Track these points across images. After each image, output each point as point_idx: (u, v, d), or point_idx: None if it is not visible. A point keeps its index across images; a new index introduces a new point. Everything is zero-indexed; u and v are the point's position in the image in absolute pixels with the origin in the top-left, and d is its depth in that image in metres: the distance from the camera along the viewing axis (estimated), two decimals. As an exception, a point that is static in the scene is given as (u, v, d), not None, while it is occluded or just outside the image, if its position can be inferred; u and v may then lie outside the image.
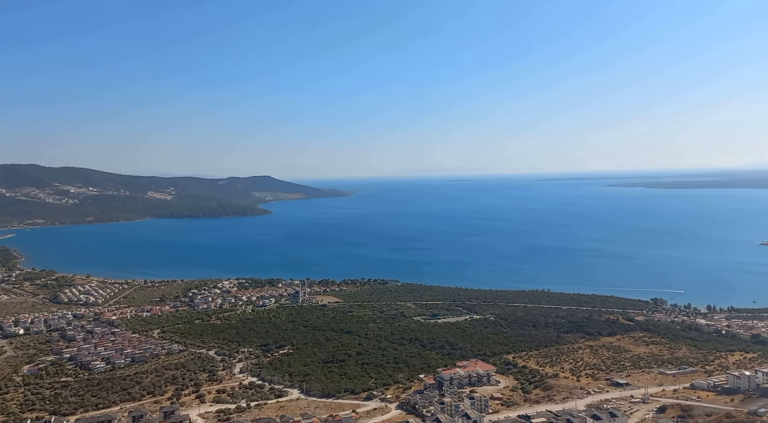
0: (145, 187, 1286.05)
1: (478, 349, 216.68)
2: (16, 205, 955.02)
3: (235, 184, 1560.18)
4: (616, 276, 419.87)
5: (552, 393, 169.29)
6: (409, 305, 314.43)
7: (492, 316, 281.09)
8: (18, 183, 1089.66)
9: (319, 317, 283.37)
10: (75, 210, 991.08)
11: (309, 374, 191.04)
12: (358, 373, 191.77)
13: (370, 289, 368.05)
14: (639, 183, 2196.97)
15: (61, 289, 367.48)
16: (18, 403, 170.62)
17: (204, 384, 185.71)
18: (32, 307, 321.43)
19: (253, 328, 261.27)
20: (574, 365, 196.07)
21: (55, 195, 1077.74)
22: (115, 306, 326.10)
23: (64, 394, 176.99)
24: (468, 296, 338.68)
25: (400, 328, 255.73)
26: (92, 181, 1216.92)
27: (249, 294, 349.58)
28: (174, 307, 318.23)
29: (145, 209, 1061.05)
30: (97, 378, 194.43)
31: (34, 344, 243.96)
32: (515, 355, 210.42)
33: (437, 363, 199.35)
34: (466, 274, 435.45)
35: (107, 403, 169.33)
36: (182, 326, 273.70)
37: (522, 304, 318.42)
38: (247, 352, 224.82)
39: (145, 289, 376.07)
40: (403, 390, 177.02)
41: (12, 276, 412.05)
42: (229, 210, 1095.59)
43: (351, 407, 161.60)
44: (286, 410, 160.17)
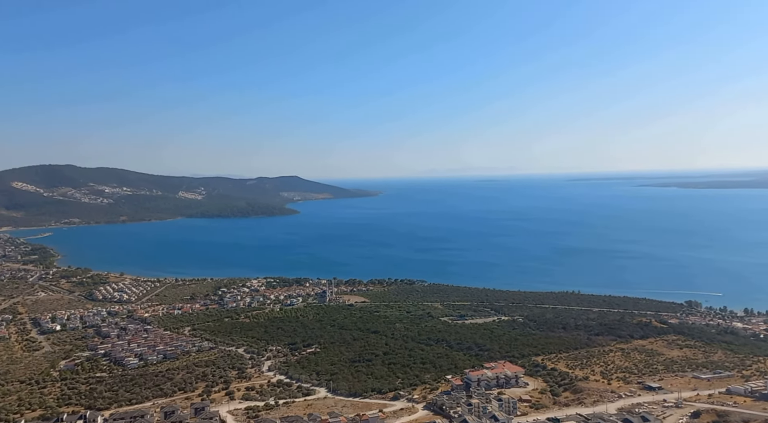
0: (176, 187, 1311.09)
1: (506, 350, 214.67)
2: (54, 205, 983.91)
3: (263, 184, 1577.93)
4: (648, 278, 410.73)
5: (582, 396, 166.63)
6: (436, 306, 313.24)
7: (520, 318, 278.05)
8: (55, 183, 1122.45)
9: (346, 317, 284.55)
10: (109, 209, 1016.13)
11: (336, 373, 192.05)
12: (385, 372, 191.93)
13: (396, 289, 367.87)
14: (672, 183, 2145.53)
15: (96, 286, 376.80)
16: (55, 397, 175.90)
17: (233, 381, 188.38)
18: (68, 304, 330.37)
19: (281, 327, 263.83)
20: (605, 368, 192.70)
21: (90, 195, 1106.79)
22: (148, 303, 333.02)
23: (98, 389, 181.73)
24: (496, 297, 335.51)
25: (427, 328, 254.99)
26: (126, 181, 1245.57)
27: (277, 293, 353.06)
28: (204, 305, 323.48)
29: (177, 209, 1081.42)
30: (130, 374, 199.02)
31: (70, 340, 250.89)
32: (544, 357, 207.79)
33: (464, 364, 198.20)
34: (494, 274, 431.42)
35: (140, 398, 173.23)
36: (212, 324, 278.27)
37: (551, 305, 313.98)
38: (275, 350, 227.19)
39: (177, 287, 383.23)
40: (430, 390, 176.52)
41: (49, 274, 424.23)
42: (257, 210, 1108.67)
43: (378, 407, 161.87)
44: (314, 408, 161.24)
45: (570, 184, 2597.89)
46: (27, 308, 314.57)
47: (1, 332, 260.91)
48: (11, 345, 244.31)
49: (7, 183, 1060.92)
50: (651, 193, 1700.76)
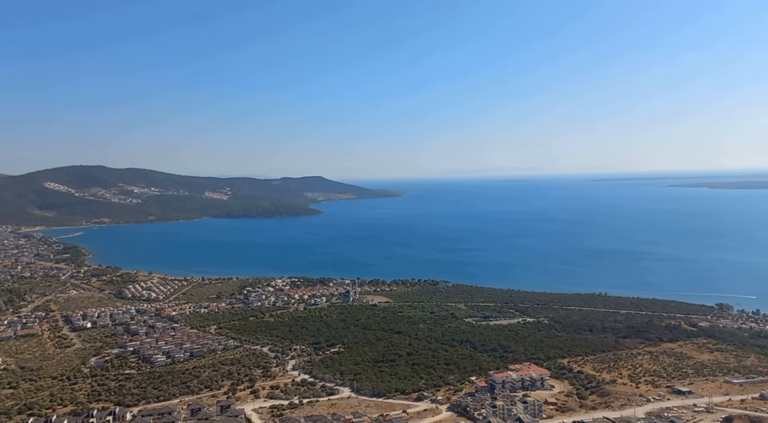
0: (202, 188, 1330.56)
1: (531, 352, 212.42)
2: (85, 205, 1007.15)
3: (287, 185, 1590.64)
4: (677, 280, 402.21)
5: (609, 399, 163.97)
6: (460, 306, 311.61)
7: (546, 320, 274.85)
8: (86, 184, 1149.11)
9: (369, 317, 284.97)
10: (138, 209, 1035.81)
11: (359, 373, 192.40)
12: (409, 373, 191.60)
13: (420, 290, 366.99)
14: (702, 183, 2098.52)
15: (125, 285, 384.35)
16: (85, 393, 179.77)
17: (258, 380, 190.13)
18: (99, 302, 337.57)
19: (305, 326, 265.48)
20: (632, 371, 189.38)
21: (120, 195, 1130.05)
22: (175, 302, 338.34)
23: (127, 385, 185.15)
24: (521, 298, 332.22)
25: (451, 329, 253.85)
26: (154, 181, 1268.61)
27: (301, 293, 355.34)
28: (230, 304, 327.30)
29: (203, 209, 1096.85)
30: (158, 371, 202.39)
31: (100, 337, 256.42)
32: (570, 360, 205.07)
33: (489, 365, 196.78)
34: (518, 275, 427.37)
35: (167, 395, 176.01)
36: (237, 323, 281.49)
37: (577, 307, 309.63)
38: (300, 349, 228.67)
39: (203, 286, 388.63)
40: (453, 392, 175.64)
41: (80, 272, 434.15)
42: (282, 210, 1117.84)
43: (401, 407, 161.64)
44: (338, 408, 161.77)
45: (595, 184, 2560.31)
46: (59, 306, 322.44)
47: (35, 329, 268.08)
48: (44, 342, 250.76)
49: (40, 183, 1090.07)
50: (680, 193, 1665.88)
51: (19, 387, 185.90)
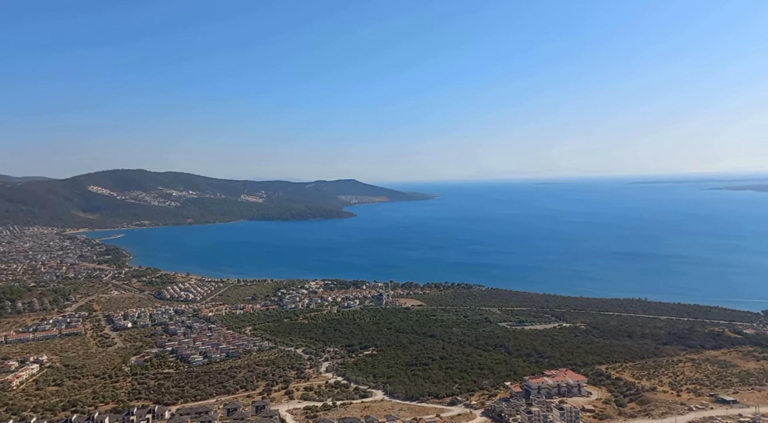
0: (238, 191, 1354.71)
1: (567, 358, 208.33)
2: (126, 208, 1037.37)
3: (321, 188, 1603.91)
4: (720, 285, 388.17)
5: (649, 407, 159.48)
6: (494, 311, 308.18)
7: (583, 325, 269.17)
8: (127, 187, 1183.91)
9: (402, 320, 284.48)
10: (177, 212, 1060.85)
11: (393, 376, 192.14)
12: (442, 377, 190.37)
13: (453, 293, 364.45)
14: (747, 186, 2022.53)
15: (164, 286, 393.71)
16: (126, 391, 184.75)
17: (292, 381, 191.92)
18: (139, 302, 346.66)
19: (339, 329, 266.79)
20: (674, 379, 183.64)
21: (159, 198, 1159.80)
22: (212, 303, 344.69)
23: (166, 384, 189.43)
24: (556, 303, 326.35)
25: (485, 333, 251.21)
26: (192, 185, 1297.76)
27: (334, 295, 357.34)
28: (264, 305, 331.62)
29: (239, 211, 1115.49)
30: (195, 371, 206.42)
31: (140, 337, 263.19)
32: (608, 366, 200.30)
33: (524, 371, 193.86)
34: (553, 279, 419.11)
35: (204, 395, 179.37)
36: (272, 324, 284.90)
37: (615, 312, 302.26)
38: (333, 351, 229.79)
39: (239, 287, 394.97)
40: (488, 397, 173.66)
41: (122, 273, 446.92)
42: (315, 212, 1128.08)
43: (435, 411, 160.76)
44: (371, 411, 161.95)
45: (634, 187, 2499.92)
46: (101, 306, 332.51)
47: (78, 328, 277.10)
48: (87, 340, 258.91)
49: (85, 187, 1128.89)
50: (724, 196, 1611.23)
51: (63, 384, 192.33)
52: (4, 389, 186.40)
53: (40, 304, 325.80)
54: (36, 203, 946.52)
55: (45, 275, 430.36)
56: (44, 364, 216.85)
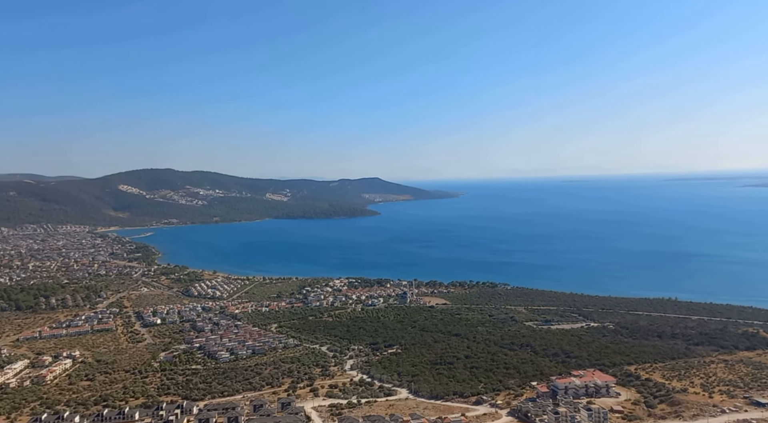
0: (264, 190, 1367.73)
1: (595, 358, 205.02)
2: (155, 206, 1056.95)
3: (345, 186, 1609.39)
4: (755, 285, 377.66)
5: (680, 409, 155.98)
6: (520, 310, 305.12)
7: (611, 325, 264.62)
8: (156, 186, 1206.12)
9: (426, 318, 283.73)
10: (203, 210, 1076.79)
11: (417, 375, 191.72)
12: (467, 376, 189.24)
13: (478, 292, 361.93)
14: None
15: (191, 283, 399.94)
16: (155, 386, 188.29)
17: (317, 378, 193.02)
18: (167, 299, 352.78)
19: (363, 327, 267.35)
20: (705, 380, 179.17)
21: (186, 197, 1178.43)
22: (238, 300, 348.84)
23: (194, 380, 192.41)
24: (584, 302, 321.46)
25: (511, 332, 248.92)
26: (218, 183, 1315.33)
27: (358, 293, 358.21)
28: (289, 303, 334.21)
29: (264, 210, 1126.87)
30: (222, 367, 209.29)
31: (169, 333, 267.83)
32: (638, 367, 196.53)
33: (551, 371, 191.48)
34: (581, 278, 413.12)
35: (231, 391, 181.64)
36: (297, 322, 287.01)
37: (645, 312, 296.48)
38: (357, 349, 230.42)
39: (264, 285, 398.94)
40: (514, 396, 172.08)
41: (151, 270, 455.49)
42: (339, 211, 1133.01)
43: (460, 410, 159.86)
44: (395, 409, 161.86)
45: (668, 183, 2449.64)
46: (132, 302, 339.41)
47: (109, 324, 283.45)
48: (118, 336, 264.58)
49: (115, 186, 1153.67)
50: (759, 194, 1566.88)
51: (95, 379, 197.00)
52: (39, 383, 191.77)
53: (73, 300, 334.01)
54: (69, 202, 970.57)
55: (78, 272, 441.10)
56: (77, 360, 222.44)
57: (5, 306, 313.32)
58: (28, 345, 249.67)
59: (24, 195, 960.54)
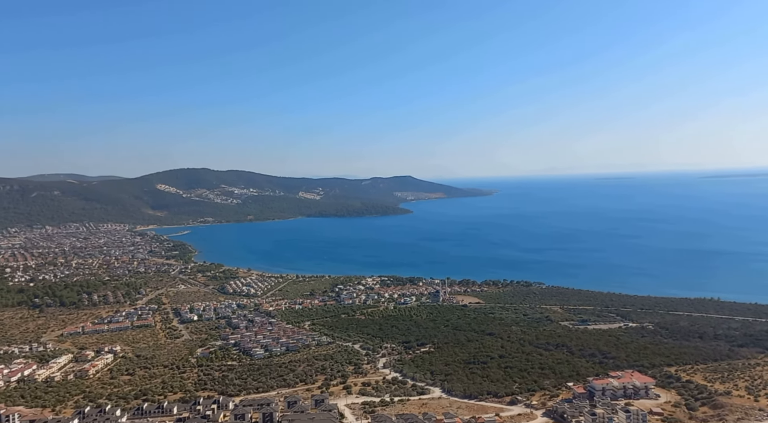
0: (297, 188, 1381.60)
1: (634, 359, 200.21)
2: (191, 205, 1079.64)
3: (377, 185, 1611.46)
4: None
5: (723, 412, 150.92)
6: (556, 309, 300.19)
7: (650, 325, 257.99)
8: (192, 185, 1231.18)
9: (459, 317, 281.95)
10: (238, 209, 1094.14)
11: (450, 374, 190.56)
12: (501, 376, 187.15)
13: (512, 291, 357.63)
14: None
15: (227, 281, 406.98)
16: (193, 381, 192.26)
17: (350, 376, 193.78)
18: (204, 296, 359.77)
19: (395, 325, 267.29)
20: (750, 383, 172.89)
21: (222, 195, 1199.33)
22: (272, 298, 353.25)
23: (230, 376, 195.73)
24: (622, 302, 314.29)
25: (546, 332, 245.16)
26: (252, 182, 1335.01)
27: (391, 291, 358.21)
28: (322, 301, 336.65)
29: (297, 208, 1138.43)
30: (257, 364, 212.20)
31: (205, 330, 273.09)
32: (678, 368, 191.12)
33: (587, 372, 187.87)
34: (618, 277, 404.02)
35: (266, 387, 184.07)
36: (330, 320, 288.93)
37: (686, 312, 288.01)
38: (390, 347, 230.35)
39: (297, 283, 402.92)
40: (549, 397, 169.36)
41: (188, 268, 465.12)
42: (371, 209, 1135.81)
43: (494, 410, 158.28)
44: (428, 408, 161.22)
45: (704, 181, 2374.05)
46: (169, 299, 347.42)
47: (148, 321, 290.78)
48: (156, 332, 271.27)
49: (153, 185, 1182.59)
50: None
51: (135, 374, 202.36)
52: (82, 377, 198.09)
53: (114, 297, 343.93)
54: (109, 201, 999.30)
55: (118, 270, 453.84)
56: (118, 354, 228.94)
57: (50, 302, 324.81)
58: (72, 340, 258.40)
59: (67, 194, 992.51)
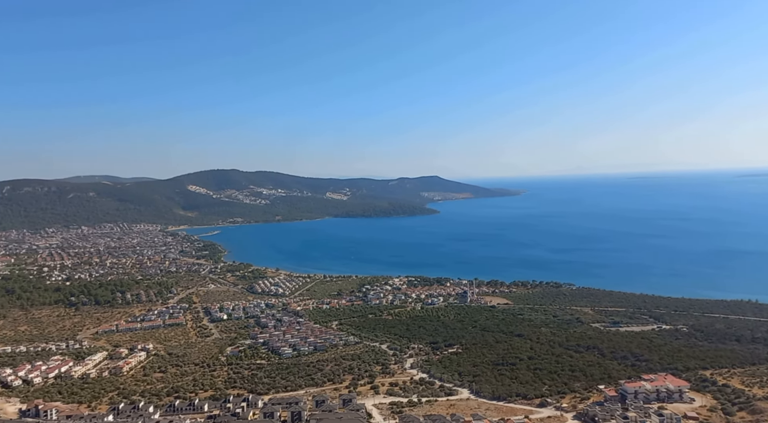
0: (324, 189, 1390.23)
1: (667, 362, 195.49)
2: (221, 206, 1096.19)
3: (404, 185, 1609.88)
4: None
5: (762, 418, 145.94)
6: (586, 311, 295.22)
7: (685, 327, 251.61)
8: (222, 186, 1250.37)
9: (488, 318, 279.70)
10: (266, 209, 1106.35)
11: (478, 375, 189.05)
12: (530, 378, 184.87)
13: (542, 292, 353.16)
14: None
15: (255, 280, 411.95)
16: (223, 380, 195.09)
17: (378, 376, 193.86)
18: (233, 295, 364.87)
19: (423, 326, 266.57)
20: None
21: (250, 196, 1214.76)
22: (299, 297, 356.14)
23: (259, 375, 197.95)
24: (655, 304, 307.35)
25: (576, 334, 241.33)
26: (280, 183, 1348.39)
27: (418, 292, 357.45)
28: (349, 301, 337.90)
29: (324, 209, 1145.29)
30: (285, 363, 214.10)
31: (235, 329, 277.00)
32: (714, 372, 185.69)
33: (619, 374, 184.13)
34: (651, 278, 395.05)
35: (294, 386, 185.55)
36: (357, 320, 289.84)
37: (722, 314, 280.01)
38: (417, 348, 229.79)
39: (325, 283, 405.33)
40: (580, 400, 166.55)
41: (218, 268, 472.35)
42: (398, 209, 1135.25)
43: (523, 412, 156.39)
44: (456, 409, 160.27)
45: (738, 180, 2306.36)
46: (200, 298, 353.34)
47: (180, 319, 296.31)
48: (187, 331, 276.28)
49: (184, 186, 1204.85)
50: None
51: (167, 371, 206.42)
52: (116, 374, 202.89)
53: (146, 296, 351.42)
54: (142, 202, 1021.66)
55: (150, 269, 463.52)
56: (150, 352, 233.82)
57: (86, 300, 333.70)
58: (107, 338, 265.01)
59: (102, 195, 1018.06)
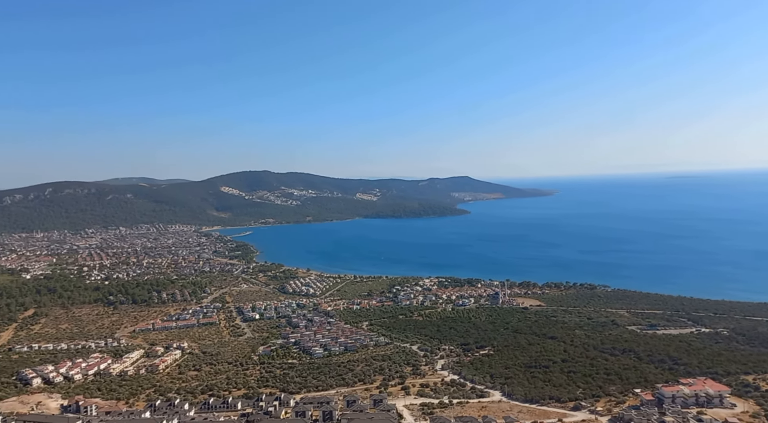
0: (354, 189, 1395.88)
1: (707, 366, 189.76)
2: (253, 207, 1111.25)
3: (435, 185, 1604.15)
4: None
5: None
6: (622, 313, 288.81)
7: (725, 330, 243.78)
8: (254, 187, 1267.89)
9: (520, 320, 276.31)
10: (297, 210, 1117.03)
11: (511, 377, 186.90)
12: (564, 381, 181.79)
13: (575, 294, 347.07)
14: None
15: (287, 281, 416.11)
16: (255, 378, 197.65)
17: (408, 377, 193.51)
18: (265, 295, 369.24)
19: (453, 327, 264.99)
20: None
21: (282, 197, 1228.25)
22: (330, 298, 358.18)
23: (290, 374, 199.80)
24: (693, 306, 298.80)
25: (612, 337, 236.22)
26: (311, 184, 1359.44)
27: (448, 293, 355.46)
28: (380, 301, 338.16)
29: (354, 209, 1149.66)
30: (316, 362, 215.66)
31: (266, 328, 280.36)
32: (756, 377, 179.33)
33: (656, 378, 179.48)
34: (688, 280, 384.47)
35: (325, 386, 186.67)
36: (387, 320, 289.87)
37: (765, 318, 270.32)
38: (448, 349, 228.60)
39: (355, 283, 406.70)
40: (615, 404, 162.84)
41: (250, 268, 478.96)
42: (429, 210, 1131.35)
43: (557, 416, 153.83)
44: (488, 411, 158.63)
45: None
46: (233, 298, 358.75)
47: (213, 318, 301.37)
48: (221, 330, 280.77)
49: (217, 188, 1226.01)
50: None
51: (201, 370, 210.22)
52: (153, 372, 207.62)
53: (181, 295, 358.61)
54: (177, 203, 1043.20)
55: (185, 269, 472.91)
56: (185, 351, 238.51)
57: (123, 299, 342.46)
58: (143, 336, 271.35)
59: (139, 197, 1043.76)
